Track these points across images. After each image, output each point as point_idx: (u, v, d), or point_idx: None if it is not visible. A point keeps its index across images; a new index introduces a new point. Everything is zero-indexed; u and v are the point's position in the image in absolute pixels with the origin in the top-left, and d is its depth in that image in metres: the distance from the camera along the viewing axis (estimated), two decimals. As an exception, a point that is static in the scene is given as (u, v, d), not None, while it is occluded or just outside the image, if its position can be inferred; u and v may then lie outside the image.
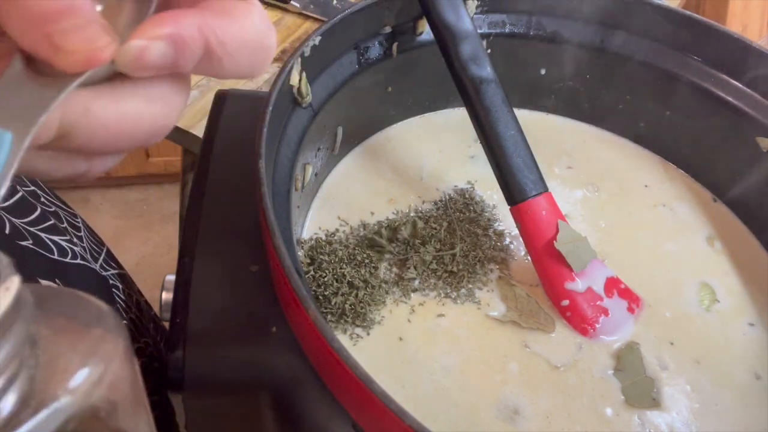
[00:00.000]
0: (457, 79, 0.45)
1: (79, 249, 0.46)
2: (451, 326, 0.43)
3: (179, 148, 0.84)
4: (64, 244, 0.45)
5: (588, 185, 0.54)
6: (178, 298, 0.38)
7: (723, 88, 0.51)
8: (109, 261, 0.51)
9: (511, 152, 0.43)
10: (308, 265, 0.42)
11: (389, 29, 0.50)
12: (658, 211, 0.53)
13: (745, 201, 0.52)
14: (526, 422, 0.38)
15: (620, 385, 0.41)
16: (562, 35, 0.55)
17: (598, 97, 0.57)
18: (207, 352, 0.36)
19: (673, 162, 0.57)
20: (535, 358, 0.42)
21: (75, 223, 0.49)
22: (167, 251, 1.69)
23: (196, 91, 0.79)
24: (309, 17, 0.93)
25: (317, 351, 0.33)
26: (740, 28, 1.15)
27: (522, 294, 0.45)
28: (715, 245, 0.51)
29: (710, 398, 0.41)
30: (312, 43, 0.43)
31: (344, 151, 0.53)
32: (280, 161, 0.40)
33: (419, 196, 0.50)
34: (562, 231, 0.44)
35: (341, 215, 0.48)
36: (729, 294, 0.47)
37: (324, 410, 0.35)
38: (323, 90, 0.46)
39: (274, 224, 0.32)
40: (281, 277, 0.31)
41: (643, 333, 0.44)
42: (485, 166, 0.45)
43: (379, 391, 0.27)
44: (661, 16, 0.52)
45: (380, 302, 0.42)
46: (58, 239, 0.45)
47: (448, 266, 0.45)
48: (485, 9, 0.53)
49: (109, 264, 0.51)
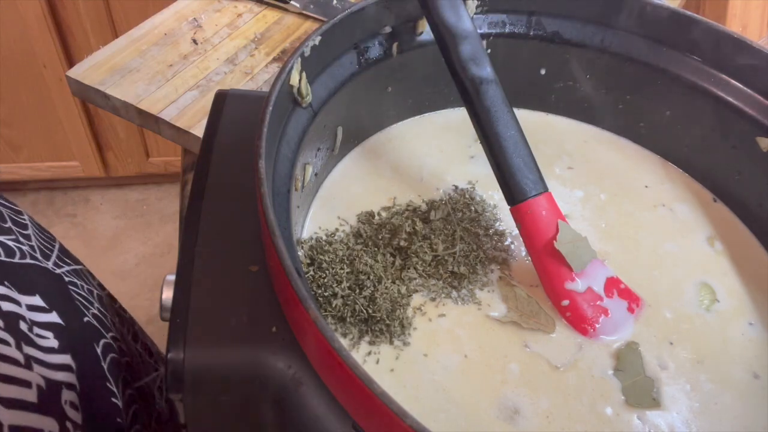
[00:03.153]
0: (457, 79, 0.45)
1: (27, 248, 0.45)
2: (451, 326, 0.43)
3: (179, 148, 0.84)
4: (11, 244, 0.43)
5: (588, 185, 0.54)
6: (178, 298, 0.38)
7: (723, 88, 0.51)
8: (62, 257, 0.50)
9: (511, 152, 0.43)
10: (308, 266, 0.42)
11: (389, 29, 0.50)
12: (658, 211, 0.53)
13: (745, 201, 0.52)
14: (526, 422, 0.39)
15: (620, 385, 0.41)
16: (562, 35, 0.55)
17: (598, 97, 0.57)
18: (207, 352, 0.36)
19: (673, 162, 0.57)
20: (536, 358, 0.42)
21: (20, 221, 0.48)
22: (167, 251, 1.69)
23: (196, 91, 0.79)
24: (309, 17, 0.93)
25: (317, 351, 0.33)
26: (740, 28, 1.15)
27: (522, 294, 0.45)
28: (715, 245, 0.51)
29: (710, 398, 0.41)
30: (312, 43, 0.43)
31: (344, 151, 0.53)
32: (280, 161, 0.40)
33: (419, 196, 0.50)
34: (562, 231, 0.44)
35: (341, 215, 0.48)
36: (729, 294, 0.47)
37: (324, 410, 0.35)
38: (323, 90, 0.46)
39: (274, 224, 0.32)
40: (281, 277, 0.31)
41: (643, 333, 0.44)
42: (485, 166, 0.45)
43: (379, 391, 0.27)
44: (661, 16, 0.52)
45: (380, 303, 0.42)
46: (3, 239, 0.43)
47: (449, 267, 0.45)
48: (485, 9, 0.53)
49: (62, 261, 0.49)
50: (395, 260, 0.45)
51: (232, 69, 0.84)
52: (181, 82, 0.81)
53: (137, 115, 0.78)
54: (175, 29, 0.89)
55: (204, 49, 0.86)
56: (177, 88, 0.80)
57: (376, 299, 0.41)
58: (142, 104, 0.77)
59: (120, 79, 0.80)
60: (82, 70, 0.81)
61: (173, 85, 0.80)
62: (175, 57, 0.84)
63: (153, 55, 0.84)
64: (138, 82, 0.80)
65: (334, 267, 0.42)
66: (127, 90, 0.79)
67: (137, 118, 0.78)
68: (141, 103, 0.77)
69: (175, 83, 0.80)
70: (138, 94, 0.78)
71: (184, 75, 0.82)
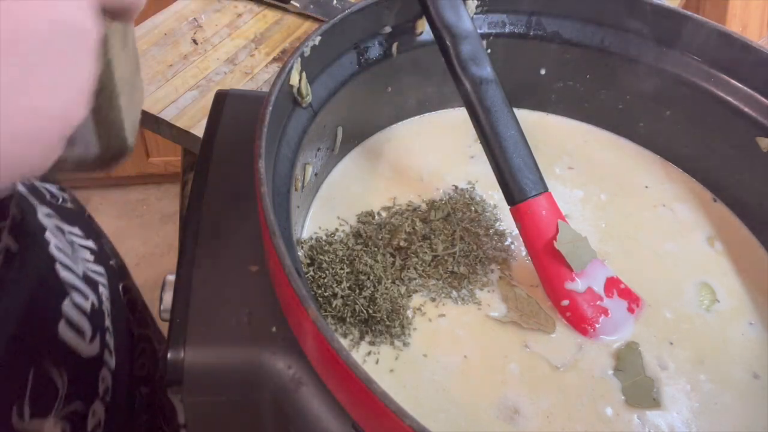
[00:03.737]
0: (457, 79, 0.45)
1: (66, 195, 0.53)
2: (451, 326, 0.43)
3: (179, 148, 0.84)
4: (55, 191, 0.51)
5: (588, 185, 0.54)
6: (178, 298, 0.38)
7: (723, 88, 0.51)
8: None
9: (511, 152, 0.43)
10: (308, 266, 0.42)
11: (389, 29, 0.50)
12: (658, 211, 0.53)
13: (745, 201, 0.52)
14: (526, 422, 0.38)
15: (620, 385, 0.41)
16: (562, 35, 0.55)
17: (598, 97, 0.57)
18: (207, 352, 0.36)
19: (673, 162, 0.57)
20: (536, 358, 0.42)
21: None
22: (167, 251, 1.69)
23: (196, 91, 0.79)
24: (309, 17, 0.93)
25: (317, 351, 0.33)
26: (740, 28, 1.15)
27: (522, 294, 0.45)
28: (715, 245, 0.51)
29: (710, 398, 0.41)
30: (312, 43, 0.43)
31: (344, 151, 0.53)
32: (280, 161, 0.40)
33: (419, 196, 0.50)
34: (562, 231, 0.44)
35: (341, 215, 0.48)
36: (729, 294, 0.47)
37: (324, 410, 0.35)
38: (323, 90, 0.46)
39: (274, 224, 0.32)
40: (281, 277, 0.31)
41: (643, 333, 0.44)
42: (485, 166, 0.45)
43: (379, 391, 0.27)
44: (661, 16, 0.52)
45: (380, 303, 0.42)
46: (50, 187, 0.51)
47: (449, 267, 0.45)
48: (485, 9, 0.53)
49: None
50: (395, 260, 0.45)
51: (232, 69, 0.84)
52: (181, 82, 0.81)
53: (137, 115, 0.78)
54: (175, 29, 0.89)
55: (204, 49, 0.86)
56: (177, 88, 0.80)
57: (376, 299, 0.41)
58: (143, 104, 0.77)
59: (120, 79, 0.80)
60: (82, 70, 0.81)
61: (173, 85, 0.80)
62: (175, 57, 0.84)
63: (153, 55, 0.84)
64: (138, 82, 0.80)
65: (334, 267, 0.42)
66: (127, 90, 0.79)
67: (137, 118, 0.78)
68: (141, 103, 0.77)
69: (175, 83, 0.80)
70: (138, 94, 0.78)
71: (184, 75, 0.82)
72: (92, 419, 0.41)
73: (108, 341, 0.45)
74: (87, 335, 0.42)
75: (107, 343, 0.45)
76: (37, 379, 0.35)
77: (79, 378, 0.40)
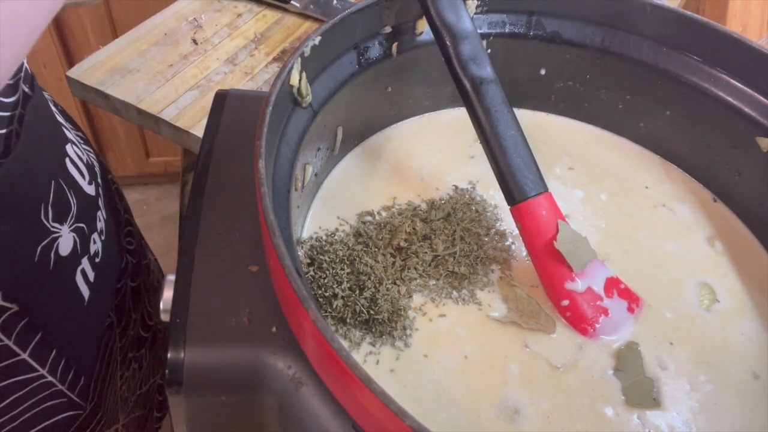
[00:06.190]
0: (457, 79, 0.45)
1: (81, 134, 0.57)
2: (452, 327, 0.43)
3: (179, 148, 0.84)
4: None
5: (588, 185, 0.54)
6: (178, 298, 0.38)
7: (723, 88, 0.51)
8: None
9: (511, 152, 0.43)
10: (308, 266, 0.42)
11: (389, 29, 0.50)
12: (658, 211, 0.53)
13: (745, 201, 0.52)
14: (526, 422, 0.39)
15: (620, 385, 0.41)
16: (562, 35, 0.55)
17: (598, 97, 0.57)
18: (207, 352, 0.36)
19: (673, 162, 0.57)
20: (536, 358, 0.42)
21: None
22: (167, 251, 1.69)
23: (196, 91, 0.79)
24: (309, 17, 0.93)
25: (317, 351, 0.33)
26: (740, 28, 1.15)
27: (523, 295, 0.45)
28: (715, 245, 0.51)
29: (710, 398, 0.41)
30: (312, 43, 0.43)
31: (344, 151, 0.53)
32: (280, 161, 0.40)
33: (419, 196, 0.50)
34: (562, 231, 0.44)
35: (341, 215, 0.48)
36: (729, 294, 0.47)
37: (324, 410, 0.35)
38: (323, 90, 0.46)
39: (274, 224, 0.32)
40: (281, 277, 0.31)
41: (643, 333, 0.44)
42: (485, 166, 0.45)
43: (379, 391, 0.27)
44: (661, 16, 0.52)
45: (381, 304, 0.42)
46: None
47: (449, 267, 0.45)
48: (485, 9, 0.53)
49: None
50: (395, 260, 0.45)
51: (232, 69, 0.84)
52: (181, 82, 0.81)
53: (137, 115, 0.78)
54: (175, 29, 0.89)
55: (204, 49, 0.86)
56: (177, 88, 0.80)
57: (377, 300, 0.41)
58: (142, 104, 0.77)
59: (120, 79, 0.80)
60: (82, 70, 0.81)
61: (173, 85, 0.80)
62: (175, 57, 0.84)
63: (153, 55, 0.84)
64: (138, 82, 0.80)
65: (335, 267, 0.42)
66: (127, 90, 0.79)
67: (137, 118, 0.78)
68: (141, 103, 0.77)
69: (175, 83, 0.80)
70: (138, 94, 0.78)
71: (184, 75, 0.82)
72: (93, 246, 0.49)
73: (100, 194, 0.53)
74: (86, 177, 0.50)
75: (100, 194, 0.53)
76: (57, 190, 0.43)
77: (83, 206, 0.47)
